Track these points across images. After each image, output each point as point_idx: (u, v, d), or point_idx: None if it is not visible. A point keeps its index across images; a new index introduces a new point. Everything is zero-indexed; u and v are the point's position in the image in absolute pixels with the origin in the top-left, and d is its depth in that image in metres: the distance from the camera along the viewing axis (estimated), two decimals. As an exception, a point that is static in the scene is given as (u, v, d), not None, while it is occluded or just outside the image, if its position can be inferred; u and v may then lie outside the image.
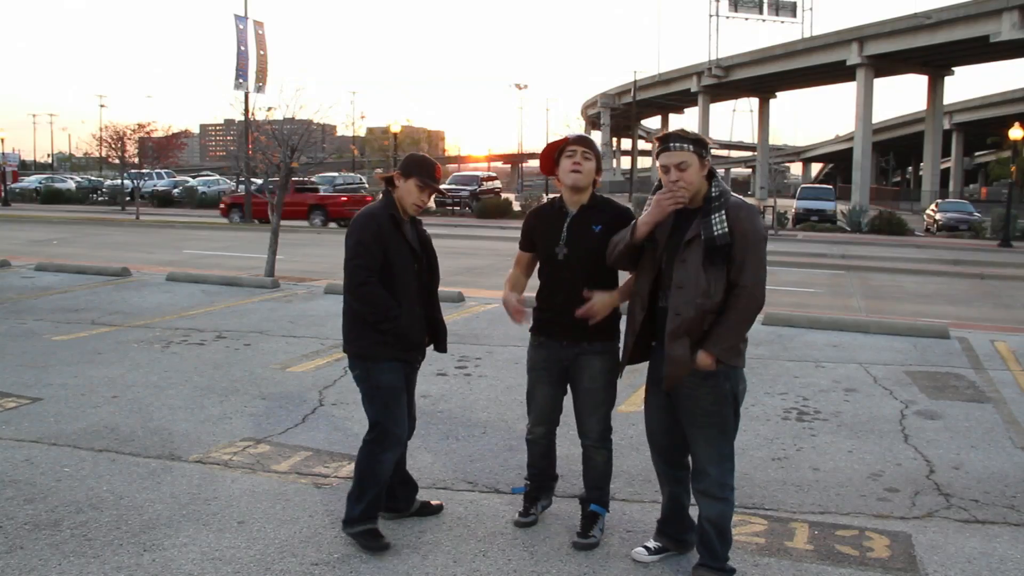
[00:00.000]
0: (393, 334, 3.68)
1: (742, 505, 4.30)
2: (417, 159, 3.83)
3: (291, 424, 5.51)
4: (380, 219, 3.69)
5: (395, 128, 40.36)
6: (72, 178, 51.44)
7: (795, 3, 61.78)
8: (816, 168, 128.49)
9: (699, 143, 3.26)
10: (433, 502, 4.19)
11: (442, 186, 4.04)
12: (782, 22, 62.43)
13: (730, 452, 3.39)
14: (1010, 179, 32.11)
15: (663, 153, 3.27)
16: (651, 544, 3.73)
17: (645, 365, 3.61)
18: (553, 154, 3.71)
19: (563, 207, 3.72)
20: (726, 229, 3.17)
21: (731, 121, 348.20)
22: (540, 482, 4.03)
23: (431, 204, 35.52)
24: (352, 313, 3.74)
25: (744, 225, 3.19)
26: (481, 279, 13.50)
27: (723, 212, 3.20)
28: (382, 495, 3.78)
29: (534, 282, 3.89)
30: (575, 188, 3.66)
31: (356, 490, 3.75)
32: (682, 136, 3.26)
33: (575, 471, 4.56)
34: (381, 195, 3.85)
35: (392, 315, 3.65)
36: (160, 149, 37.81)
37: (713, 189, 3.26)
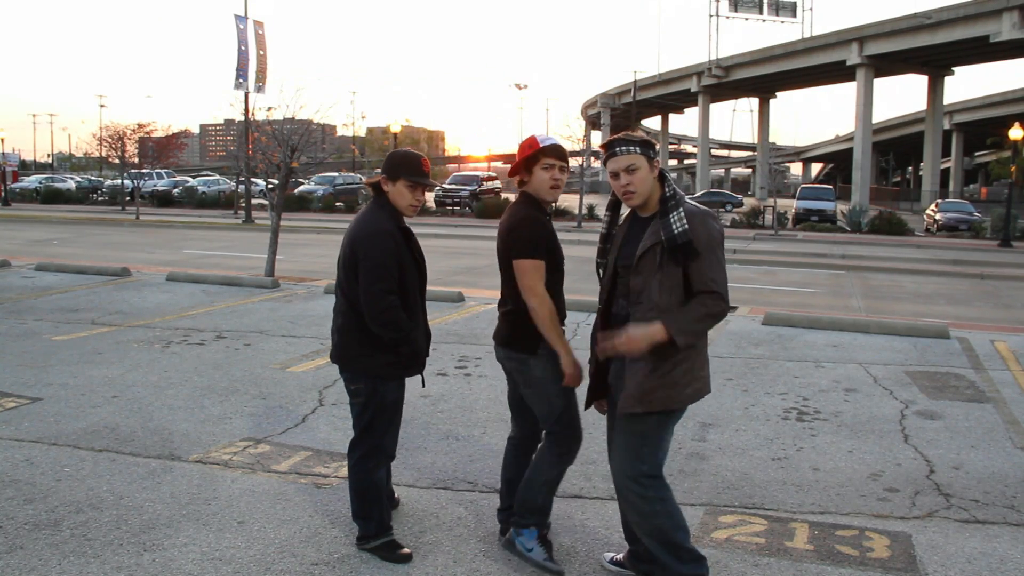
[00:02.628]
0: (408, 354, 3.60)
1: (742, 505, 4.30)
2: (400, 157, 3.62)
3: (291, 424, 5.51)
4: (395, 236, 3.53)
5: (395, 128, 40.31)
6: (72, 178, 51.37)
7: (795, 3, 61.86)
8: (816, 168, 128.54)
9: (646, 145, 3.17)
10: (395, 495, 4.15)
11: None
12: (782, 22, 62.54)
13: (652, 467, 3.21)
14: (1010, 179, 32.09)
15: (610, 159, 3.15)
16: (618, 557, 3.61)
17: None
18: (526, 159, 3.52)
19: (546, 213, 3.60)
20: (686, 226, 3.04)
21: (731, 121, 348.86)
22: None
23: (431, 204, 35.55)
24: (359, 330, 3.55)
25: (697, 229, 3.04)
26: (481, 279, 13.50)
27: (680, 210, 3.08)
28: (385, 503, 3.76)
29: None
30: (553, 201, 3.63)
31: (361, 507, 3.70)
32: (628, 140, 3.16)
33: (573, 471, 4.57)
34: (372, 204, 3.65)
35: (412, 337, 3.57)
36: (160, 149, 37.76)
37: (666, 190, 3.15)
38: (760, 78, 61.53)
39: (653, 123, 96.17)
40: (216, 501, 4.21)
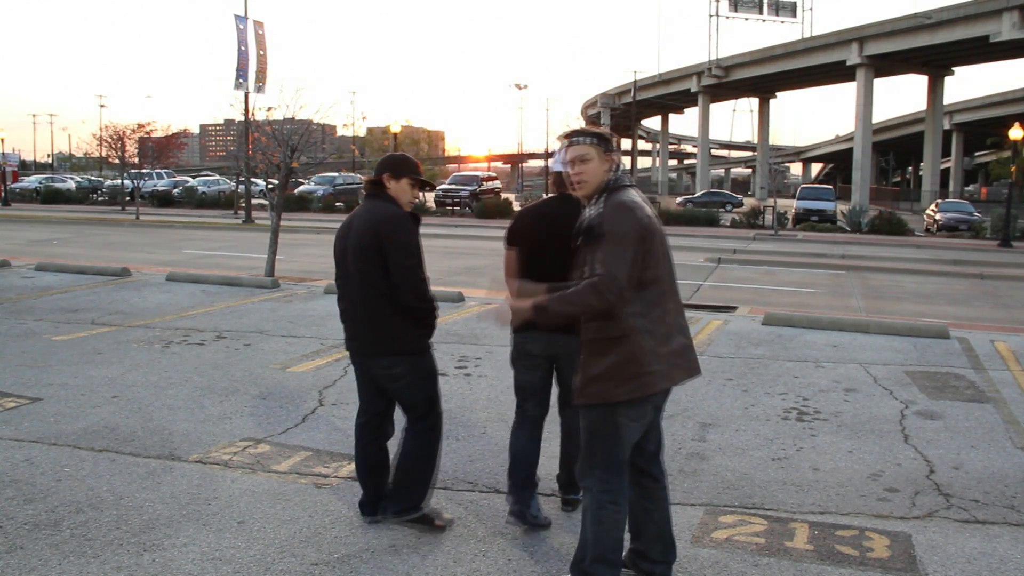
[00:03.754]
0: (432, 325, 3.89)
1: (742, 505, 4.30)
2: (403, 159, 3.95)
3: (291, 424, 5.51)
4: (412, 220, 3.84)
5: (395, 128, 40.30)
6: (72, 178, 51.36)
7: (795, 3, 61.91)
8: (816, 168, 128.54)
9: (602, 138, 3.25)
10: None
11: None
12: (782, 22, 62.62)
13: (600, 460, 3.18)
14: (1010, 179, 32.10)
15: (567, 149, 3.28)
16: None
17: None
18: None
19: None
20: (600, 210, 3.11)
21: (731, 121, 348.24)
22: None
23: (431, 204, 35.58)
24: (391, 314, 3.76)
25: (607, 221, 3.05)
26: (481, 279, 13.50)
27: (603, 199, 3.14)
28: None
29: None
30: None
31: (413, 476, 3.86)
32: (584, 132, 3.28)
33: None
34: (374, 197, 3.87)
35: (436, 307, 3.89)
36: (160, 149, 37.74)
37: (609, 182, 3.21)
38: (760, 78, 61.54)
39: (653, 123, 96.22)
40: (216, 501, 4.21)
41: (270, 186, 14.73)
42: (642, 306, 3.09)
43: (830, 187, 41.39)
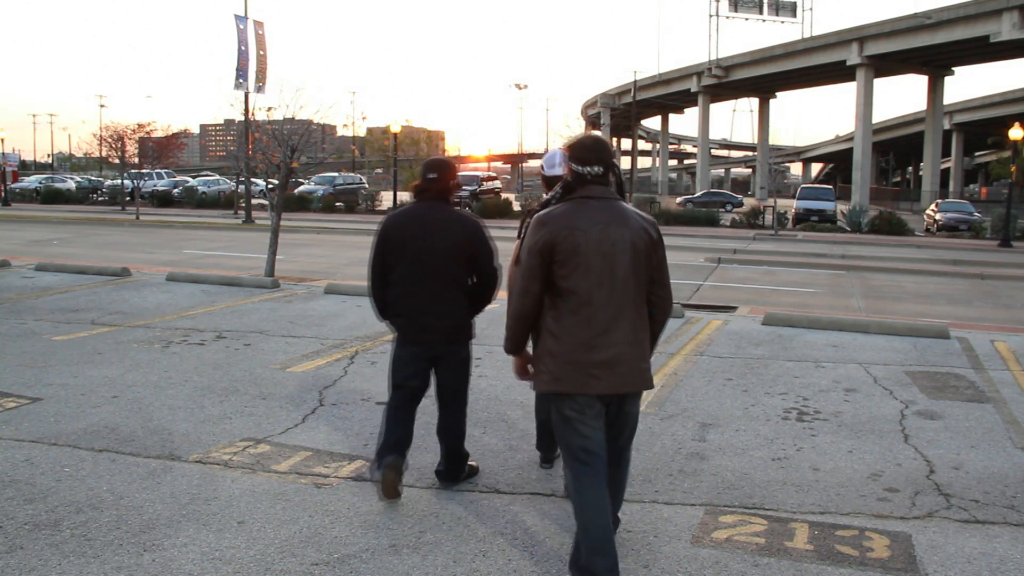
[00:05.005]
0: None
1: (742, 505, 4.30)
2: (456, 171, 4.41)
3: (291, 424, 5.51)
4: None
5: (395, 128, 40.31)
6: (72, 178, 51.34)
7: (795, 3, 61.94)
8: (816, 168, 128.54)
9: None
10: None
11: None
12: (782, 22, 62.66)
13: (565, 451, 3.37)
14: (1010, 179, 32.10)
15: None
16: None
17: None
18: None
19: None
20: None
21: (731, 121, 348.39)
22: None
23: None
24: (469, 307, 4.28)
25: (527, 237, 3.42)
26: (481, 279, 13.48)
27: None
28: None
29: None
30: None
31: (463, 433, 4.45)
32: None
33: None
34: (447, 204, 4.23)
35: None
36: (160, 149, 37.75)
37: (553, 196, 3.63)
38: (760, 78, 61.53)
39: (653, 123, 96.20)
40: (216, 501, 4.21)
41: (270, 186, 14.73)
42: (555, 312, 3.30)
43: (830, 187, 41.37)
